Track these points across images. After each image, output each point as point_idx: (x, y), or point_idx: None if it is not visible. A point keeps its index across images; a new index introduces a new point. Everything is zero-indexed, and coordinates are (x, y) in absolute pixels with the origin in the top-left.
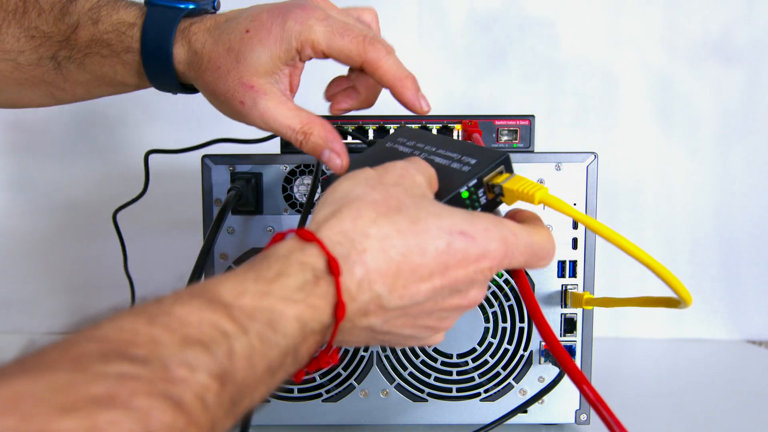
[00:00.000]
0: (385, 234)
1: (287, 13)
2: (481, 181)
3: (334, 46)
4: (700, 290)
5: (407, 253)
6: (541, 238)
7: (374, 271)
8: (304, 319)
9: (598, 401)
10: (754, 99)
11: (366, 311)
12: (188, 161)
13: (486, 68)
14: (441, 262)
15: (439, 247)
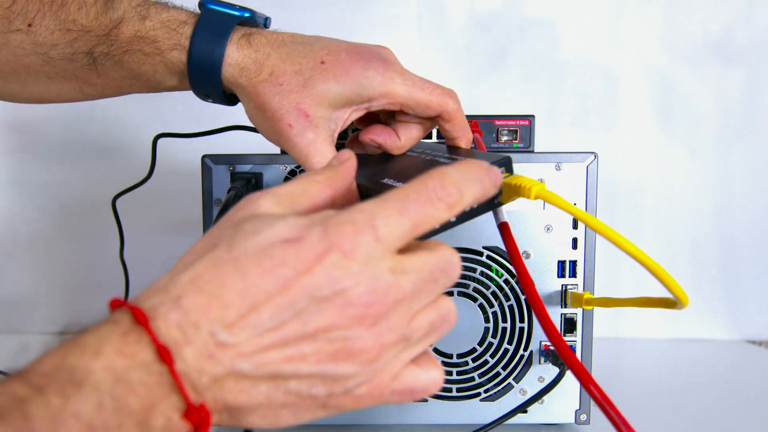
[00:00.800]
0: (198, 274)
1: (369, 62)
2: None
3: (415, 97)
4: (700, 290)
5: (225, 281)
6: (414, 183)
7: (193, 312)
8: (117, 368)
9: (605, 400)
10: (754, 99)
11: (211, 354)
12: (188, 161)
13: (486, 68)
14: (272, 276)
15: (262, 263)
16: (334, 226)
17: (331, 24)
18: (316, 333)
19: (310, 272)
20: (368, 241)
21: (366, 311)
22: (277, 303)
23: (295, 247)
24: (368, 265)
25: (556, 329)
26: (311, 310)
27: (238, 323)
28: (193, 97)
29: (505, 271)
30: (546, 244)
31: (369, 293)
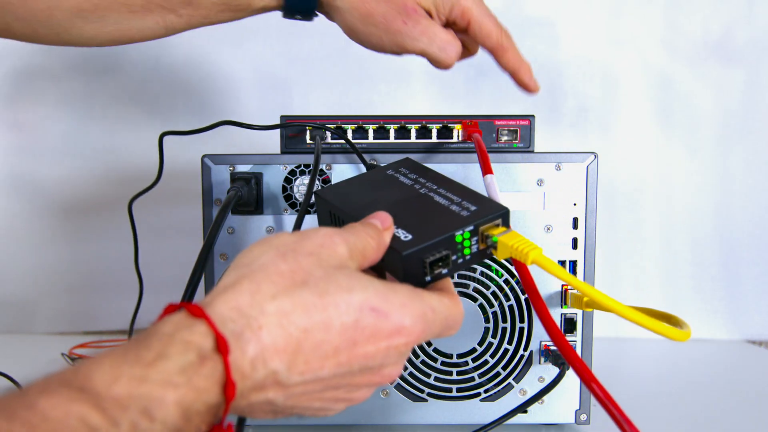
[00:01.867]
0: (286, 310)
1: None
2: (477, 229)
3: (482, 21)
4: (700, 290)
5: (309, 328)
6: (457, 311)
7: (270, 348)
8: (186, 403)
9: (607, 399)
10: (754, 99)
11: (262, 387)
12: (188, 161)
13: (486, 68)
14: (348, 338)
15: (346, 323)
16: (418, 317)
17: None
18: (346, 387)
19: (375, 344)
20: (420, 339)
21: (385, 382)
22: (339, 362)
23: (378, 318)
24: (408, 352)
25: (558, 328)
26: (356, 374)
27: (301, 369)
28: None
29: (505, 271)
30: (546, 244)
31: (397, 372)
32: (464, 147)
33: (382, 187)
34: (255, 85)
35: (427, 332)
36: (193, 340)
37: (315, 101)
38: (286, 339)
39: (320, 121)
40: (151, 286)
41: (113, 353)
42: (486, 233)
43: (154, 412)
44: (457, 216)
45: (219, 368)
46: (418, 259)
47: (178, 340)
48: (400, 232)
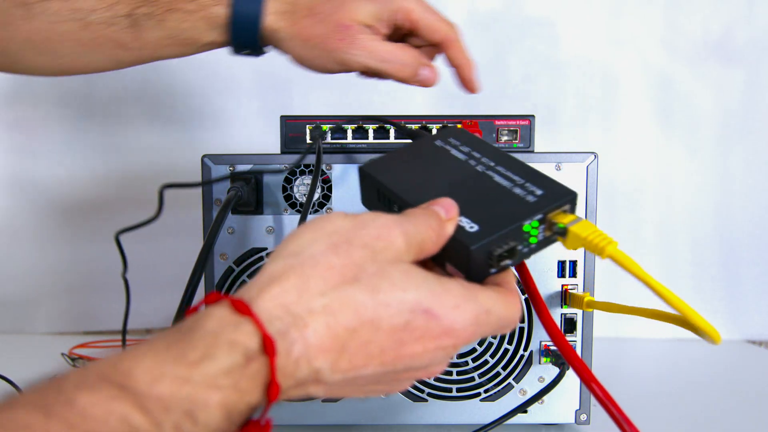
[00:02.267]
0: (334, 308)
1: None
2: (545, 217)
3: (426, 18)
4: (700, 290)
5: (357, 328)
6: (514, 310)
7: (315, 348)
8: (229, 404)
9: (607, 399)
10: (754, 99)
11: (303, 384)
12: (188, 161)
13: (486, 68)
14: (396, 339)
15: (396, 325)
16: (470, 320)
17: None
18: (387, 381)
19: (423, 345)
20: (468, 341)
21: (429, 377)
22: (384, 361)
23: (429, 320)
24: (456, 352)
25: (558, 328)
26: (400, 372)
27: (343, 368)
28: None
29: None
30: None
31: (442, 370)
32: None
33: (434, 163)
34: (255, 85)
35: (477, 334)
36: (239, 340)
37: (315, 101)
38: (333, 339)
39: (320, 121)
40: (151, 286)
41: (154, 347)
42: (553, 220)
43: (197, 414)
44: (523, 202)
45: (264, 370)
46: (485, 252)
47: (223, 341)
48: (464, 221)
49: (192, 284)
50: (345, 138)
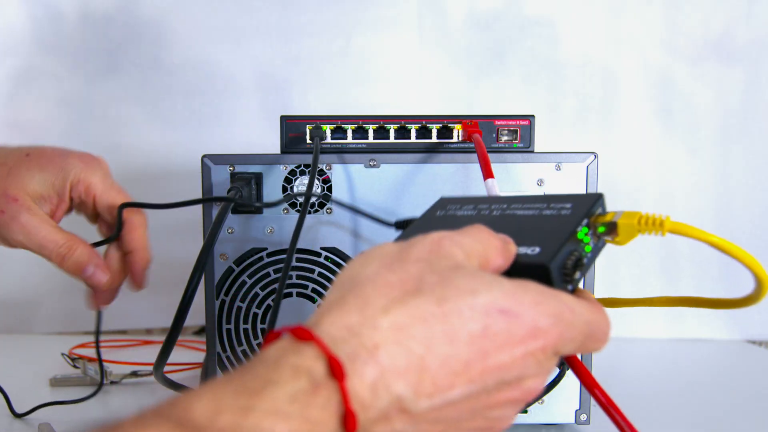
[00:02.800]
0: (401, 323)
1: (73, 153)
2: (590, 221)
3: (105, 197)
4: (700, 290)
5: (432, 343)
6: (601, 315)
7: (391, 370)
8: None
9: (611, 405)
10: (754, 98)
11: (387, 417)
12: (188, 161)
13: (486, 68)
14: (477, 348)
15: (474, 332)
16: (550, 314)
17: (331, 24)
18: (483, 411)
19: (510, 352)
20: (561, 343)
21: (527, 398)
22: (471, 378)
23: (510, 322)
24: (550, 359)
25: None
26: (492, 392)
27: (429, 391)
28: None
29: None
30: None
31: (540, 386)
32: (464, 147)
33: (457, 223)
34: (255, 85)
35: (566, 336)
36: (303, 365)
37: (315, 101)
38: (408, 357)
39: (320, 121)
40: (151, 286)
41: (212, 386)
42: (598, 223)
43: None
44: (561, 217)
45: (335, 397)
46: (560, 267)
47: (285, 365)
48: (522, 249)
49: (192, 284)
50: (345, 138)
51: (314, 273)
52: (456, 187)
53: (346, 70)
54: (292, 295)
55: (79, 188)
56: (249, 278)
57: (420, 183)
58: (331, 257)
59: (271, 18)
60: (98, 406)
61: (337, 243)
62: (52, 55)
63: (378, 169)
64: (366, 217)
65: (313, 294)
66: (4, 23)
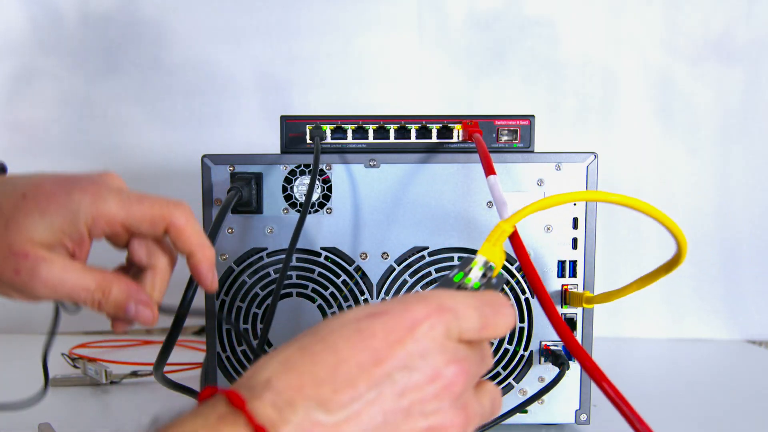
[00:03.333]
0: (286, 356)
1: (75, 183)
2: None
3: (135, 213)
4: (700, 290)
5: (316, 360)
6: (492, 294)
7: (286, 390)
8: None
9: (619, 398)
10: (754, 98)
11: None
12: (188, 161)
13: (486, 68)
14: (363, 348)
15: (351, 336)
16: (421, 301)
17: (331, 24)
18: (411, 406)
19: (402, 343)
20: (451, 319)
21: (453, 382)
22: (373, 374)
23: (382, 318)
24: (449, 339)
25: (567, 327)
26: (406, 382)
27: (333, 399)
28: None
29: (505, 271)
30: (546, 244)
31: (452, 363)
32: (464, 147)
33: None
34: (255, 85)
35: (451, 312)
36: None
37: (315, 101)
38: (299, 376)
39: (320, 121)
40: None
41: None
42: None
43: None
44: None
45: (241, 419)
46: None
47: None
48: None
49: (192, 284)
50: (345, 138)
51: (314, 273)
52: (456, 187)
53: (346, 70)
54: (292, 295)
55: (99, 225)
56: (249, 278)
57: (420, 183)
58: (331, 257)
59: (271, 18)
60: (98, 406)
61: (337, 243)
62: (52, 55)
63: (378, 169)
64: None
65: (312, 294)
66: (4, 23)
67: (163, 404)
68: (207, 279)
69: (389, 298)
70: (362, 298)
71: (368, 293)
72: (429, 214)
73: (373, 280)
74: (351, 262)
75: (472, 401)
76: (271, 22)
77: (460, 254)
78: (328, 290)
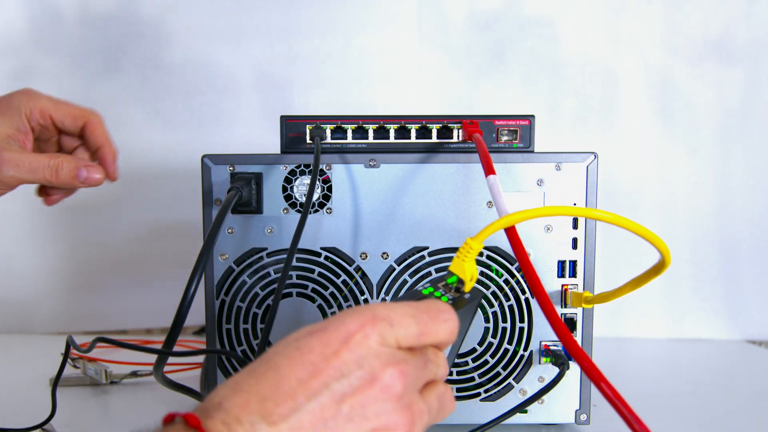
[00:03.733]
0: (235, 381)
1: (14, 93)
2: (436, 285)
3: (62, 108)
4: (700, 290)
5: (260, 380)
6: (432, 302)
7: (233, 408)
8: None
9: (617, 398)
10: (754, 98)
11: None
12: (188, 161)
13: (486, 68)
14: (302, 362)
15: (291, 355)
16: (355, 314)
17: (331, 24)
18: (352, 410)
19: (337, 354)
20: (385, 327)
21: (391, 383)
22: (311, 386)
23: (319, 335)
24: (385, 345)
25: (566, 327)
26: (344, 389)
27: (275, 412)
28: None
29: (505, 271)
30: (546, 244)
31: (389, 366)
32: (464, 147)
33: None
34: (255, 85)
35: (384, 320)
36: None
37: (315, 101)
38: (245, 395)
39: (320, 121)
40: (151, 286)
41: None
42: (439, 283)
43: None
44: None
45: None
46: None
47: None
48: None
49: (192, 284)
50: (345, 138)
51: (314, 273)
52: (456, 187)
53: (346, 70)
54: (292, 295)
55: (35, 116)
56: (249, 278)
57: (420, 183)
58: (331, 257)
59: (271, 18)
60: (98, 406)
61: (337, 243)
62: (52, 55)
63: (378, 169)
64: None
65: (313, 294)
66: (4, 23)
67: (163, 404)
68: (111, 168)
69: (389, 298)
70: (362, 298)
71: (368, 293)
72: (429, 214)
73: (373, 280)
74: (351, 262)
75: (416, 400)
76: (271, 22)
77: None
78: (328, 290)
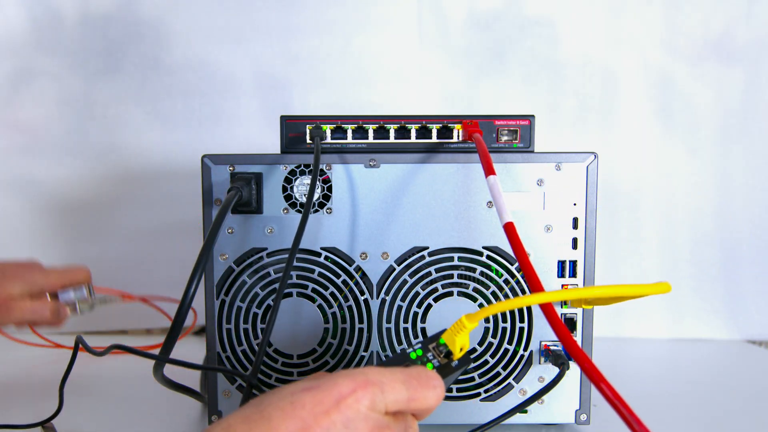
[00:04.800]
0: (229, 424)
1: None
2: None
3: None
4: (700, 290)
5: (251, 426)
6: (419, 369)
7: None
8: None
9: (617, 399)
10: (754, 98)
11: None
12: (188, 161)
13: (486, 68)
14: (293, 417)
15: (284, 408)
16: (349, 376)
17: (331, 24)
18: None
19: (327, 414)
20: (376, 392)
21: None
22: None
23: (313, 392)
24: (374, 410)
25: (566, 327)
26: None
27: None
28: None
29: (505, 271)
30: (546, 244)
31: (374, 431)
32: (464, 147)
33: None
34: (255, 85)
35: (384, 386)
36: None
37: (315, 101)
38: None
39: (320, 121)
40: (151, 286)
41: None
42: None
43: None
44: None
45: None
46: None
47: None
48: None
49: (192, 284)
50: (345, 138)
51: (314, 273)
52: (456, 187)
53: (346, 70)
54: (292, 295)
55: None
56: (249, 278)
57: (420, 183)
58: (331, 257)
59: (271, 18)
60: (99, 407)
61: (337, 243)
62: (52, 55)
63: (378, 169)
64: None
65: (313, 294)
66: (4, 23)
67: (164, 404)
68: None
69: (389, 298)
70: (362, 298)
71: (368, 293)
72: (429, 214)
73: (373, 280)
74: (351, 262)
75: None
76: (271, 22)
77: (460, 254)
78: (328, 290)
